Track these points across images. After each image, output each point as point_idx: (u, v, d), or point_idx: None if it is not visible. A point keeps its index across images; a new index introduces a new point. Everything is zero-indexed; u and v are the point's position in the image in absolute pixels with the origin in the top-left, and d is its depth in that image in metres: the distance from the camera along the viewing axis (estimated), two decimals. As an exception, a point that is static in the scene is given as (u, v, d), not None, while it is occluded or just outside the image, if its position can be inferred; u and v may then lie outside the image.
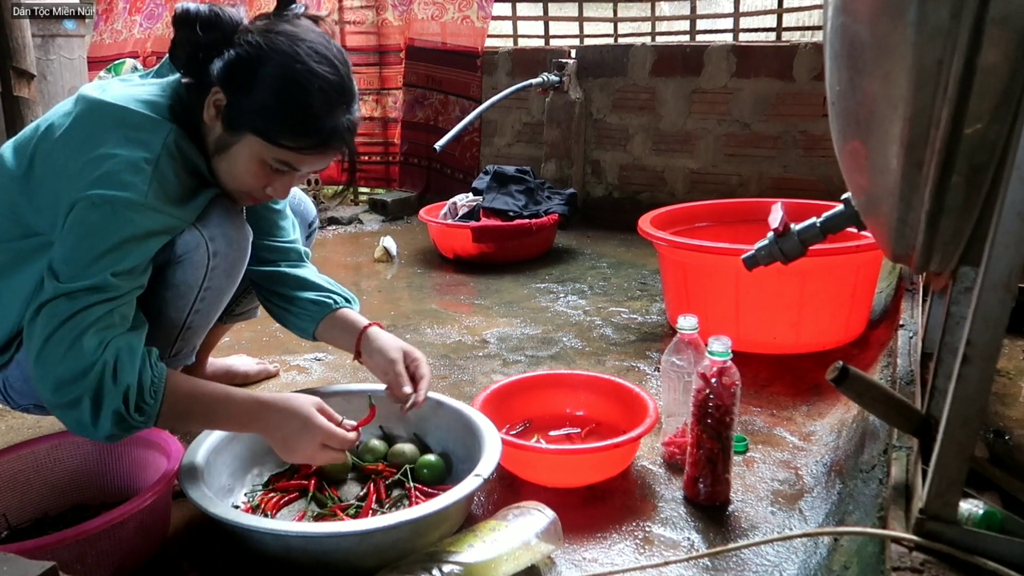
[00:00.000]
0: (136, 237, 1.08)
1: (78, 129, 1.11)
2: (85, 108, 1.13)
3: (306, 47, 1.12)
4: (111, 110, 1.11)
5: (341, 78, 1.15)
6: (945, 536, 0.83)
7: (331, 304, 1.42)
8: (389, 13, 3.94)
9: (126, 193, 1.06)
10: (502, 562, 1.03)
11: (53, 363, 1.03)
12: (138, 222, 1.08)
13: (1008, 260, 0.75)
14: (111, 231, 1.06)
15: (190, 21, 1.14)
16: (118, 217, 1.06)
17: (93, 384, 1.03)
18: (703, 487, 1.28)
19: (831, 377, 0.98)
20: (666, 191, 3.49)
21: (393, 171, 4.11)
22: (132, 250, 1.08)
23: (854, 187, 1.05)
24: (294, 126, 1.12)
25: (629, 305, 2.39)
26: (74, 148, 1.10)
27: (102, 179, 1.06)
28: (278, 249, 1.46)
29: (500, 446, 1.22)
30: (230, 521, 1.05)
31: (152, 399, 1.08)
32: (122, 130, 1.09)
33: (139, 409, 1.06)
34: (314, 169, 1.21)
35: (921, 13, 0.75)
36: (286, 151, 1.14)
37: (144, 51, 4.27)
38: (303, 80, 1.11)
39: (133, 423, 1.06)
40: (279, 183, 1.21)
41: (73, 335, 1.03)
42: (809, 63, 3.10)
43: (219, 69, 1.12)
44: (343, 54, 1.18)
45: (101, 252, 1.05)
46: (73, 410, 1.04)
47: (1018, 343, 1.60)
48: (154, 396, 1.08)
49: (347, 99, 1.16)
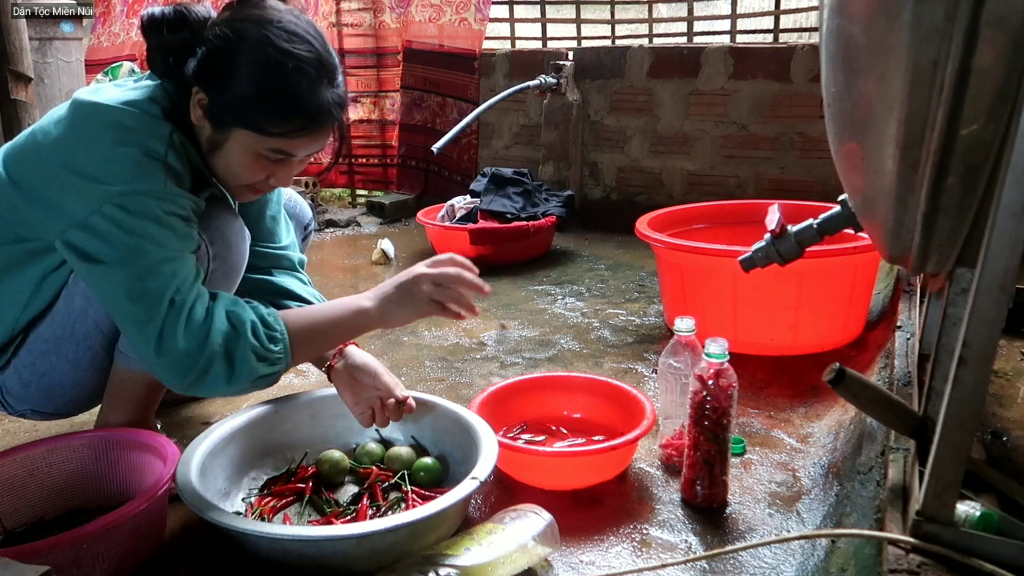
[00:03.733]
0: (171, 220, 1.10)
1: (73, 134, 1.10)
2: (80, 112, 1.11)
3: (275, 28, 1.10)
4: (108, 112, 1.09)
5: (317, 52, 1.12)
6: (942, 538, 0.83)
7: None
8: (387, 15, 3.94)
9: (146, 185, 1.07)
10: (499, 565, 1.03)
11: (174, 347, 1.06)
12: (166, 207, 1.09)
13: (1004, 261, 0.75)
14: (148, 219, 1.07)
15: (156, 25, 1.13)
16: (147, 207, 1.07)
17: (219, 340, 1.07)
18: (700, 489, 1.27)
19: (828, 379, 0.98)
20: (664, 193, 3.50)
21: (391, 173, 4.10)
22: (175, 230, 1.10)
23: (850, 188, 1.05)
24: (279, 112, 1.10)
25: (627, 307, 2.39)
26: (70, 153, 1.08)
27: (116, 177, 1.06)
28: (270, 255, 1.45)
29: (497, 449, 1.22)
30: (226, 525, 1.05)
31: (279, 325, 1.13)
32: (120, 132, 1.08)
33: (271, 339, 1.11)
34: (310, 152, 1.19)
35: (916, 14, 0.75)
36: (276, 138, 1.12)
37: (141, 54, 4.26)
38: (278, 63, 1.08)
39: (274, 356, 1.11)
40: (280, 172, 1.19)
41: (182, 317, 1.06)
42: (806, 64, 3.10)
43: (193, 68, 1.11)
44: (314, 26, 1.15)
45: (148, 238, 1.07)
46: (210, 375, 1.08)
47: (1015, 344, 1.60)
48: (278, 322, 1.13)
49: (328, 73, 1.13)
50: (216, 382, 1.09)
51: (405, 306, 1.23)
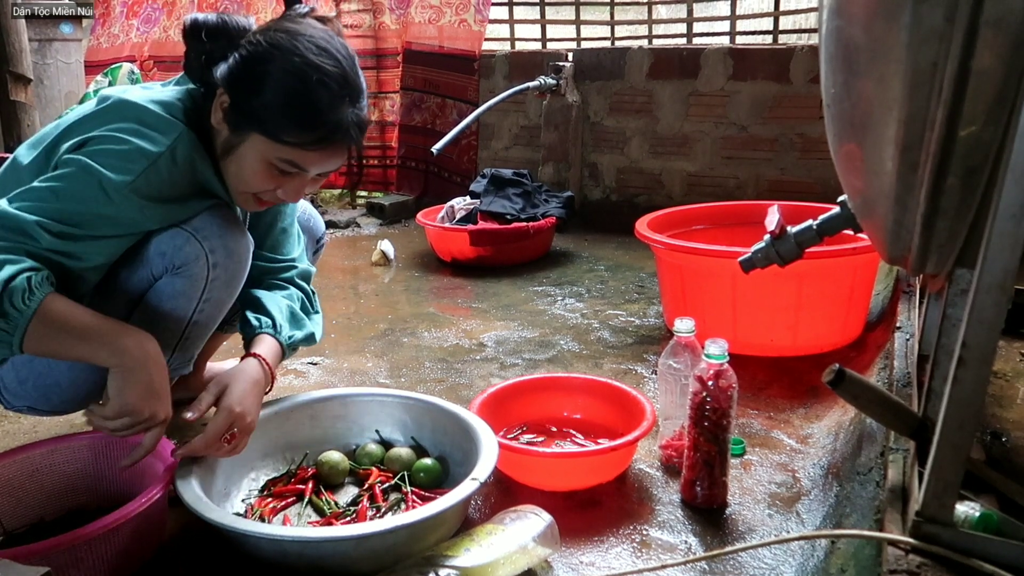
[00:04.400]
0: (94, 216, 1.09)
1: (98, 119, 1.14)
2: (109, 104, 1.15)
3: (306, 41, 1.12)
4: (133, 107, 1.14)
5: (343, 71, 1.13)
6: (942, 539, 0.83)
7: (255, 328, 1.35)
8: (386, 17, 3.94)
9: (114, 175, 1.08)
10: (499, 566, 1.03)
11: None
12: (107, 204, 1.09)
13: (1003, 262, 0.75)
14: (79, 199, 1.07)
15: (197, 30, 1.16)
16: (89, 188, 1.07)
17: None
18: (700, 490, 1.27)
19: (828, 380, 0.98)
20: (663, 194, 3.50)
21: (390, 174, 4.11)
22: (81, 223, 1.08)
23: (850, 189, 1.05)
24: (295, 120, 1.11)
25: (626, 308, 2.39)
26: (87, 130, 1.13)
27: (101, 154, 1.09)
28: (271, 269, 1.44)
29: (497, 450, 1.22)
30: (226, 526, 1.05)
31: (31, 300, 1.00)
32: (136, 125, 1.12)
33: (12, 304, 0.98)
34: (323, 170, 1.18)
35: (915, 16, 0.75)
36: (289, 148, 1.13)
37: (141, 55, 4.27)
38: (303, 73, 1.10)
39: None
40: (289, 186, 1.19)
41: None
42: (805, 66, 3.11)
43: (223, 71, 1.13)
44: (347, 48, 1.17)
45: (51, 206, 1.06)
46: None
47: (1014, 345, 1.60)
48: (31, 297, 1.00)
49: (351, 93, 1.15)
50: None
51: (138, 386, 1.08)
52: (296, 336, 1.38)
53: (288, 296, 1.43)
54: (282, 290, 1.43)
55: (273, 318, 1.36)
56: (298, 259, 1.48)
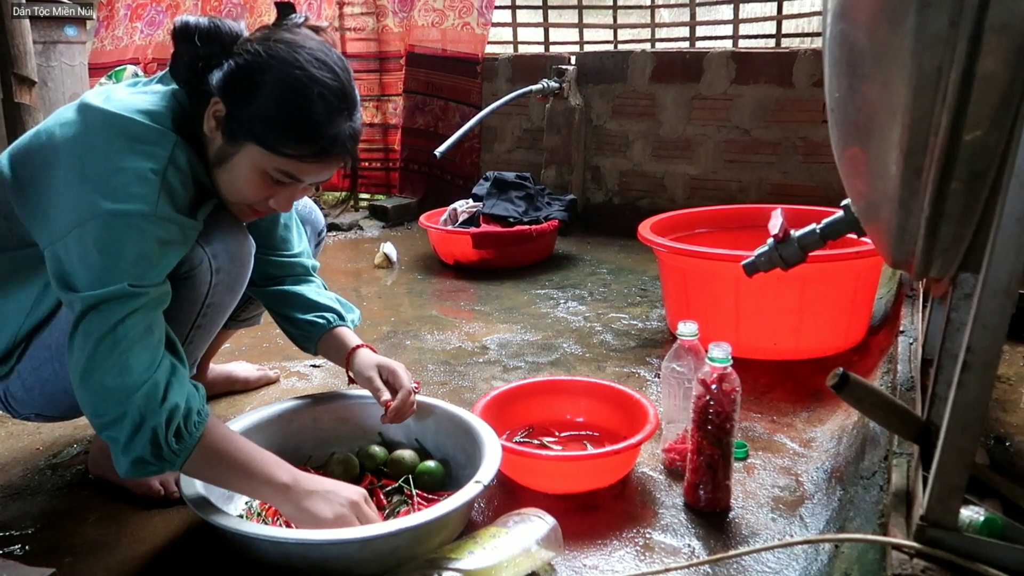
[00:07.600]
0: (153, 247, 1.07)
1: (81, 141, 1.09)
2: (88, 119, 1.10)
3: (306, 54, 1.11)
4: (115, 121, 1.09)
5: (342, 84, 1.13)
6: (946, 543, 0.83)
7: (325, 325, 1.42)
8: (389, 20, 3.95)
9: (137, 205, 1.05)
10: (502, 569, 1.03)
11: (99, 380, 1.02)
12: (152, 232, 1.07)
13: (1008, 266, 0.75)
14: (128, 244, 1.05)
15: (189, 34, 1.13)
16: (132, 229, 1.05)
17: (141, 402, 1.02)
18: (703, 493, 1.27)
19: (831, 383, 0.98)
20: (666, 197, 3.50)
21: (393, 177, 4.11)
22: (152, 260, 1.07)
23: (854, 193, 1.05)
24: (294, 133, 1.10)
25: (629, 311, 2.39)
26: (76, 159, 1.08)
27: (111, 193, 1.04)
28: (283, 264, 1.45)
29: (500, 452, 1.22)
30: (230, 528, 1.05)
31: (194, 429, 1.06)
32: (127, 142, 1.08)
33: (178, 435, 1.04)
34: (316, 180, 1.19)
35: (920, 20, 0.75)
36: (286, 160, 1.12)
37: (145, 58, 4.28)
38: (302, 86, 1.09)
39: (165, 451, 1.04)
40: (281, 196, 1.19)
41: (119, 351, 1.02)
42: (808, 69, 3.11)
43: (218, 79, 1.11)
44: (344, 61, 1.16)
45: (122, 265, 1.04)
46: (113, 428, 1.03)
47: (1018, 349, 1.60)
48: (196, 427, 1.06)
49: (348, 106, 1.14)
50: (118, 441, 1.04)
51: (312, 510, 1.10)
52: (355, 319, 1.49)
53: (320, 287, 1.50)
54: (308, 284, 1.48)
55: (335, 311, 1.45)
56: (303, 253, 1.49)
